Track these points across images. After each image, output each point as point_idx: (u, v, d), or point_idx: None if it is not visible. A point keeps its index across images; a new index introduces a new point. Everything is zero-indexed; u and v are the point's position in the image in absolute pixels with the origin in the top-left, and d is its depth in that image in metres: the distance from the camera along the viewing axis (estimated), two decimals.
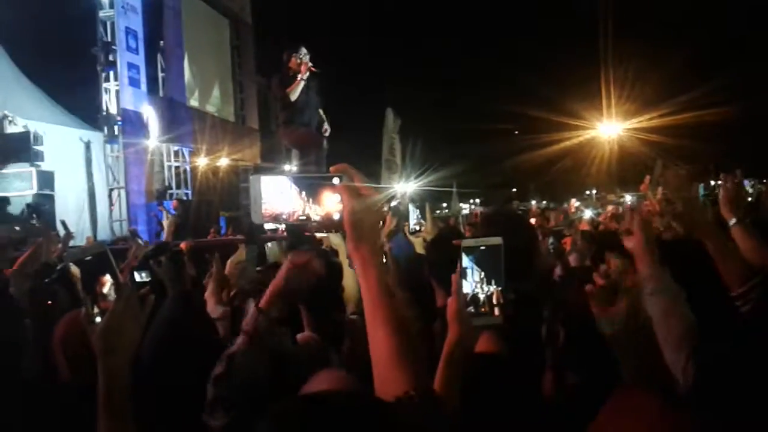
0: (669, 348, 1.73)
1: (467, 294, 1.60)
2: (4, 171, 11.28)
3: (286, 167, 10.45)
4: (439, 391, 1.52)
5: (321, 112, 8.52)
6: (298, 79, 7.98)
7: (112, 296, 1.51)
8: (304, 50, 8.11)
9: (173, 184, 16.44)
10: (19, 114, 12.64)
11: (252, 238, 4.11)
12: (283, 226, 6.50)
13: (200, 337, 2.58)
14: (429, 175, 21.25)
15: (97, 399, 1.43)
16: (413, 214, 8.68)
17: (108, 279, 1.53)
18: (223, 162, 17.84)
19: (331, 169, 1.30)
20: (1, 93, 13.09)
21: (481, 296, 1.61)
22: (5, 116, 12.42)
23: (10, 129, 12.45)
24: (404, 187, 19.02)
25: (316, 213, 1.30)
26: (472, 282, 1.61)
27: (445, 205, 28.23)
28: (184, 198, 16.10)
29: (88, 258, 1.54)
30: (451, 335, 1.60)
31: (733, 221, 2.46)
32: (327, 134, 8.47)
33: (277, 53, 8.52)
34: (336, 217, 1.30)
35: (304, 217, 1.31)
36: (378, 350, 1.29)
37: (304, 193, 1.30)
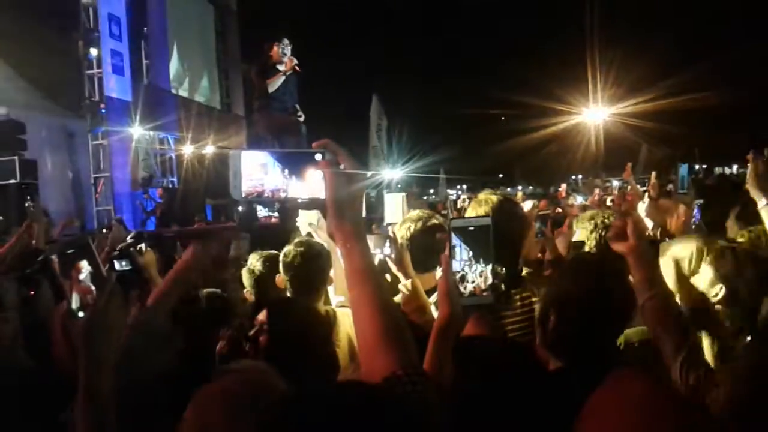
0: (666, 352, 1.78)
1: (457, 273, 1.61)
2: None
3: None
4: (429, 370, 1.51)
5: (297, 106, 8.49)
6: (281, 72, 7.96)
7: (88, 282, 1.49)
8: (286, 41, 8.07)
9: (159, 172, 16.33)
10: (0, 103, 12.48)
11: (244, 225, 4.08)
12: (276, 214, 6.53)
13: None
14: (416, 161, 21.25)
15: (78, 396, 1.41)
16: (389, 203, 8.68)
17: (85, 265, 1.50)
18: (209, 149, 17.72)
19: (314, 144, 1.27)
20: None
21: (470, 276, 1.62)
22: None
23: None
24: (392, 173, 19.02)
25: (299, 191, 1.28)
26: (461, 261, 1.62)
27: (432, 191, 28.25)
28: (170, 186, 16.00)
29: (71, 251, 1.52)
30: (441, 314, 1.59)
31: (763, 202, 2.36)
32: (302, 119, 8.47)
33: (262, 40, 8.48)
34: (318, 194, 1.27)
35: (285, 195, 1.29)
36: (363, 330, 1.26)
37: (287, 170, 1.28)
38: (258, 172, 1.27)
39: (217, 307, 2.77)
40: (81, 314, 1.48)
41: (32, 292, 3.17)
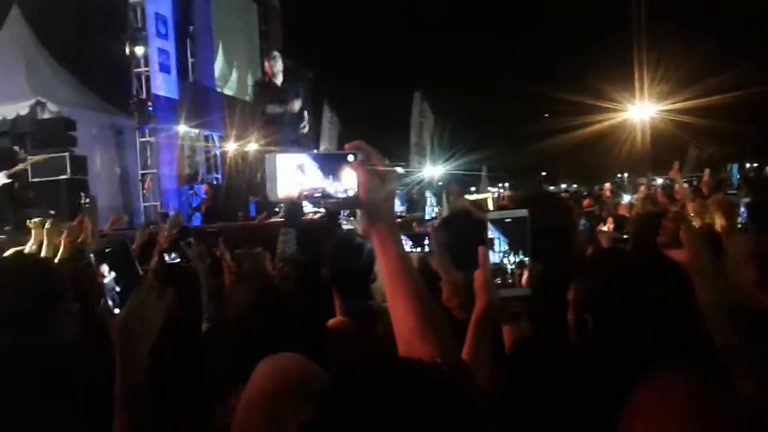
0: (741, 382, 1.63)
1: (495, 265, 1.63)
2: (39, 156, 11.46)
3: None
4: (467, 361, 1.52)
5: (305, 113, 8.61)
6: (277, 104, 8.12)
7: (112, 284, 1.52)
8: (275, 53, 8.24)
9: (203, 169, 16.59)
10: (52, 100, 12.85)
11: (290, 221, 4.13)
12: (322, 210, 6.64)
13: None
14: (458, 158, 21.17)
15: (115, 391, 1.44)
16: (429, 202, 8.69)
17: (105, 270, 1.52)
18: (252, 147, 17.93)
19: (346, 146, 1.31)
20: (34, 79, 13.32)
21: (508, 267, 1.64)
22: (39, 102, 12.64)
23: (44, 115, 12.69)
24: (433, 170, 19.00)
25: (336, 189, 1.30)
26: (499, 253, 1.65)
27: (473, 189, 28.11)
28: (215, 182, 16.24)
29: (108, 249, 1.55)
30: (479, 307, 1.62)
31: None
32: (305, 131, 8.59)
33: (305, 37, 8.57)
34: (351, 193, 1.29)
35: (320, 194, 1.31)
36: (402, 325, 1.30)
37: (322, 171, 1.31)
38: (296, 173, 1.30)
39: None
40: (117, 311, 1.51)
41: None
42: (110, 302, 1.53)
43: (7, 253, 3.64)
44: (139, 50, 14.41)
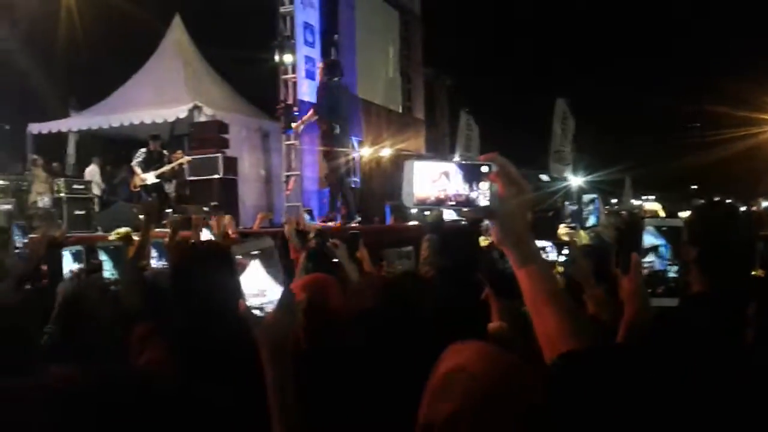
0: None
1: (659, 272, 1.62)
2: (183, 159, 12.30)
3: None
4: None
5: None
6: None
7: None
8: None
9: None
10: (208, 104, 13.76)
11: (434, 226, 4.13)
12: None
13: None
14: (600, 168, 20.38)
15: (268, 392, 1.51)
16: (592, 207, 8.41)
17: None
18: (388, 152, 18.19)
19: (480, 157, 1.32)
20: (193, 84, 14.34)
21: (671, 275, 1.63)
22: (196, 106, 13.57)
23: (200, 118, 13.63)
24: (573, 180, 18.40)
25: (478, 197, 1.30)
26: (664, 261, 1.63)
27: (615, 201, 26.85)
28: (353, 186, 16.62)
29: (255, 252, 1.58)
30: (628, 313, 1.59)
31: None
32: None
33: (444, 45, 8.66)
34: (482, 203, 1.30)
35: (458, 202, 1.31)
36: (546, 328, 1.32)
37: (464, 178, 1.30)
38: (440, 179, 1.31)
39: None
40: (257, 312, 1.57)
41: None
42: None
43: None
44: (288, 58, 14.96)
